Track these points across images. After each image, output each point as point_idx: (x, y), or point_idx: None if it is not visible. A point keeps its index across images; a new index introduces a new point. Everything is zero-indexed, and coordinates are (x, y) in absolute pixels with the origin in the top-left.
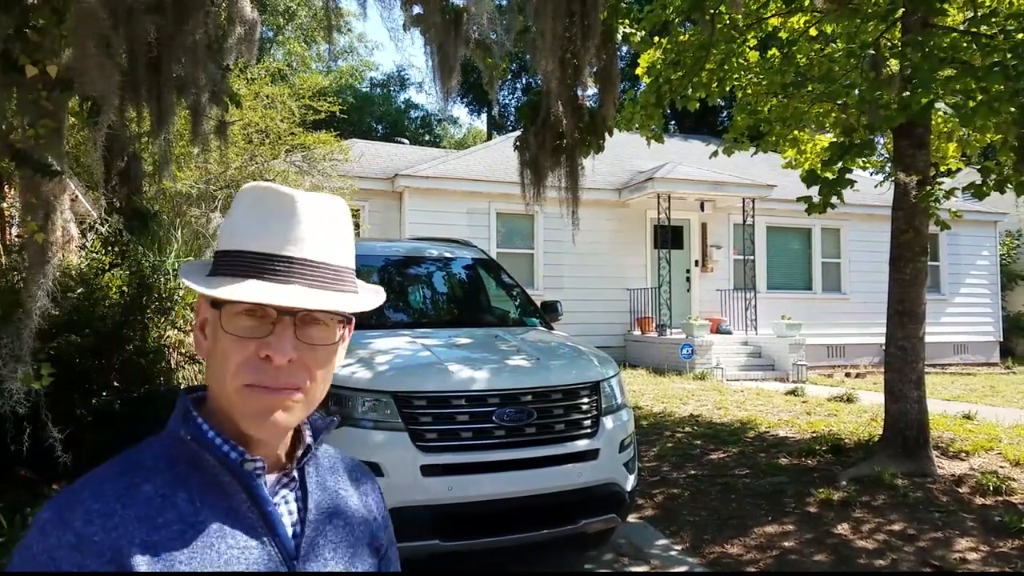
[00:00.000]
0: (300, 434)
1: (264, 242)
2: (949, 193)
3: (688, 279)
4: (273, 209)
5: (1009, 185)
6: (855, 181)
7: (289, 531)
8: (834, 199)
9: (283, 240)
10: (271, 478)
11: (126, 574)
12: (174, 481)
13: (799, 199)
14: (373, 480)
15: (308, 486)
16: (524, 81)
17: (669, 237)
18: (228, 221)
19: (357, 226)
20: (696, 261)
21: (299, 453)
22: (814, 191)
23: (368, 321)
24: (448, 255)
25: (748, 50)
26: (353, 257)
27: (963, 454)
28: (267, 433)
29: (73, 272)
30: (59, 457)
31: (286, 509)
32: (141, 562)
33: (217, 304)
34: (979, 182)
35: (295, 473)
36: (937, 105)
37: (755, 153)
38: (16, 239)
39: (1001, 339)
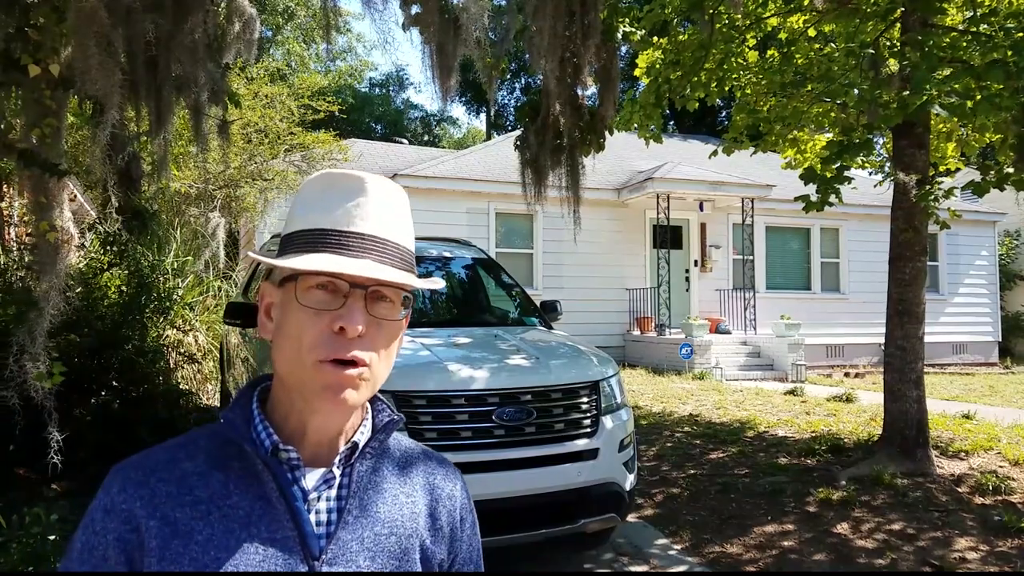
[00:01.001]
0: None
1: (336, 219)
2: (948, 193)
3: (687, 279)
4: (343, 189)
5: (1008, 183)
6: (852, 179)
7: (322, 530)
8: (832, 198)
9: (354, 217)
10: (319, 472)
11: (141, 574)
12: (215, 463)
13: (797, 198)
14: (457, 489)
15: (354, 486)
16: (523, 80)
17: (668, 237)
18: (297, 206)
19: None
20: (695, 261)
21: (344, 451)
22: (811, 189)
23: None
24: (447, 255)
25: (747, 50)
26: (413, 242)
27: (962, 454)
28: (333, 405)
29: (72, 272)
30: (52, 459)
31: (325, 507)
32: (156, 534)
33: (287, 281)
34: (979, 180)
35: (336, 471)
36: (936, 104)
37: (754, 153)
38: (15, 239)
39: (1000, 339)
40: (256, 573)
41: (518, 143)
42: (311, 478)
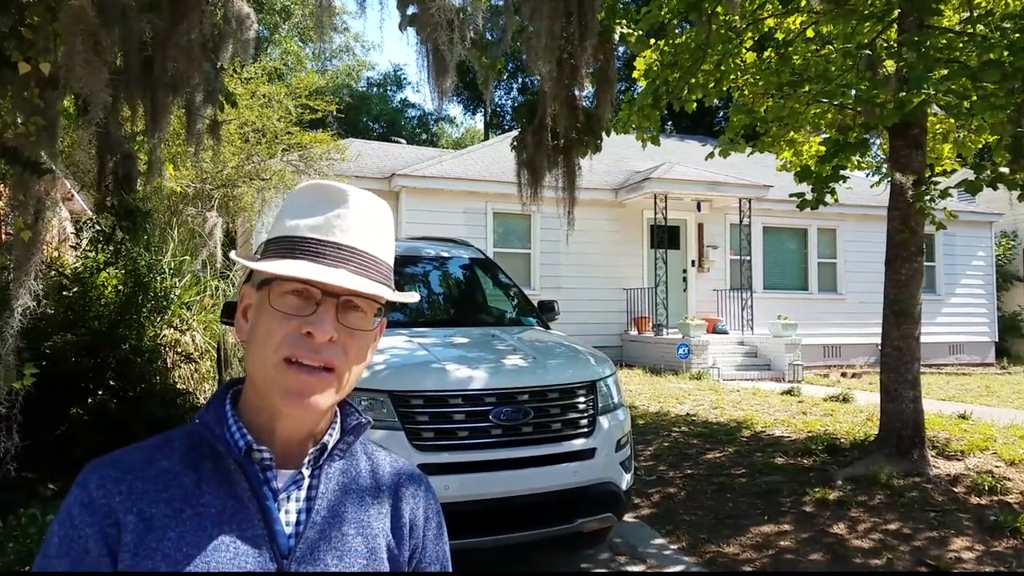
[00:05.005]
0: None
1: (317, 228)
2: (944, 193)
3: (684, 279)
4: (326, 200)
5: (1003, 183)
6: (848, 177)
7: (291, 529)
8: (828, 197)
9: (334, 227)
10: (288, 473)
11: (117, 574)
12: (188, 462)
13: (792, 195)
14: (421, 490)
15: (322, 487)
16: (520, 80)
17: (666, 237)
18: (282, 212)
19: None
20: (692, 261)
21: (313, 452)
22: (808, 188)
23: None
24: (445, 254)
25: (745, 51)
26: (392, 256)
27: (959, 454)
28: (298, 410)
29: (68, 271)
30: (10, 469)
31: (295, 507)
32: (132, 528)
33: (263, 285)
34: (973, 178)
35: (305, 471)
36: (933, 106)
37: (751, 154)
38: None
39: (996, 339)
40: (227, 574)
41: (515, 144)
42: (281, 478)
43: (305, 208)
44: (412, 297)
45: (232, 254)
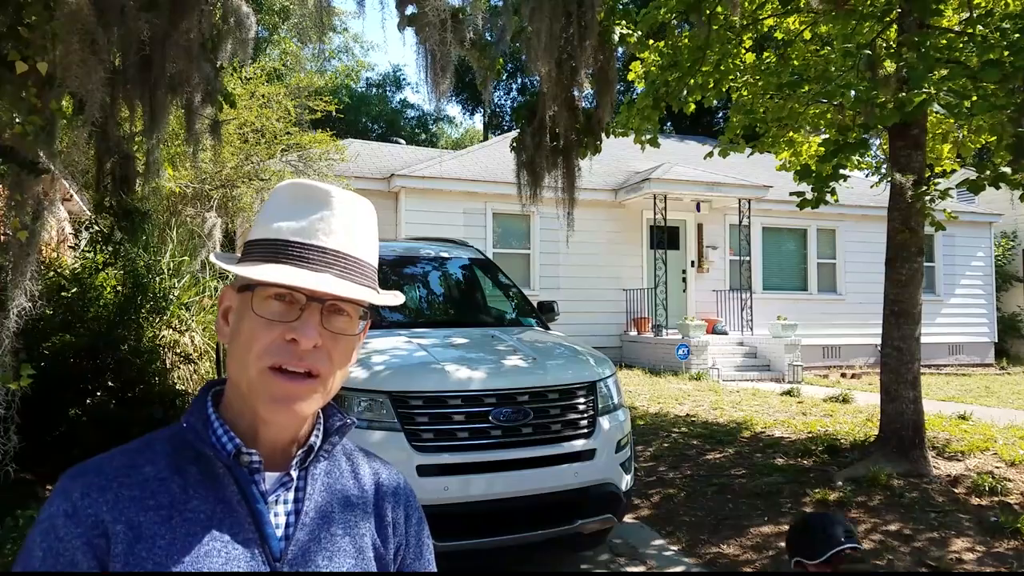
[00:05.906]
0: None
1: (299, 231)
2: (944, 193)
3: (684, 279)
4: (310, 201)
5: (1004, 182)
6: (848, 177)
7: (281, 532)
8: (828, 196)
9: (318, 231)
10: (275, 475)
11: (110, 574)
12: (173, 467)
13: (792, 194)
14: (400, 488)
15: (309, 488)
16: (520, 81)
17: (665, 238)
18: (263, 212)
19: None
20: (692, 262)
21: (299, 454)
22: (807, 188)
23: None
24: (444, 255)
25: (744, 51)
26: (377, 257)
27: (959, 454)
28: (283, 417)
29: (66, 271)
30: (10, 471)
31: (283, 509)
32: (122, 538)
33: (245, 288)
34: (974, 178)
35: (293, 473)
36: (934, 105)
37: (751, 154)
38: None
39: (996, 340)
40: (220, 574)
41: (514, 145)
42: (268, 480)
43: (287, 210)
44: (396, 299)
45: (211, 256)
